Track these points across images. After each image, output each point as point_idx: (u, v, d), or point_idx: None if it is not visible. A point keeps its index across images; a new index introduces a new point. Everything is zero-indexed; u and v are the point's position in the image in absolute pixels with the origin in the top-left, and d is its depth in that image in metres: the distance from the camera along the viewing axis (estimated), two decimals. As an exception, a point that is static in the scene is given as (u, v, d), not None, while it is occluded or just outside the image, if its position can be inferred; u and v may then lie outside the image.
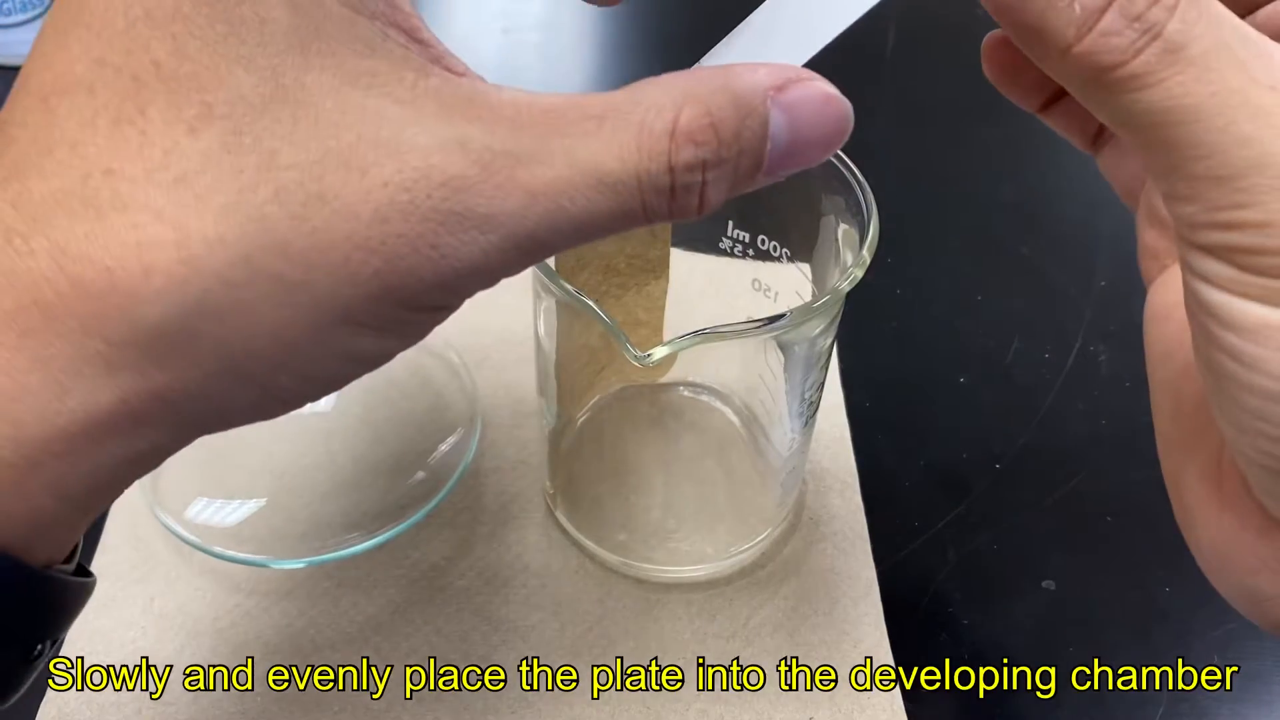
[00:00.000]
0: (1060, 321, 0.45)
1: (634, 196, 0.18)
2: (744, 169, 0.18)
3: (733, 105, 0.18)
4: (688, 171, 0.18)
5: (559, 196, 0.17)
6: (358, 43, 0.17)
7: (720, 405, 0.39)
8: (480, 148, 0.17)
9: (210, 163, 0.16)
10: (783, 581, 0.35)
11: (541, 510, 0.37)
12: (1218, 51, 0.16)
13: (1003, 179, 0.54)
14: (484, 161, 0.17)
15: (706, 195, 0.18)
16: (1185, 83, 0.16)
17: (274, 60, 0.17)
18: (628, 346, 0.26)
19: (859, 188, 0.29)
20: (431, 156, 0.17)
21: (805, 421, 0.33)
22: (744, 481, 0.38)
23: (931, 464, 0.40)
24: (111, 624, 0.33)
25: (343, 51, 0.17)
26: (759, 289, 0.33)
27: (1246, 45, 0.17)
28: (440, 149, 0.17)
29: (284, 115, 0.16)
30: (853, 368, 0.43)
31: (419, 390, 0.41)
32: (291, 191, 0.16)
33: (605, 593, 0.35)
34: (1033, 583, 0.36)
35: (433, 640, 0.33)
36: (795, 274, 0.32)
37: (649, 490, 0.37)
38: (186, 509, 0.36)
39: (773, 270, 0.32)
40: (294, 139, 0.16)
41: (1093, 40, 0.17)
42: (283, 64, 0.17)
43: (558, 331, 0.32)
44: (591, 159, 0.17)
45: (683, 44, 0.65)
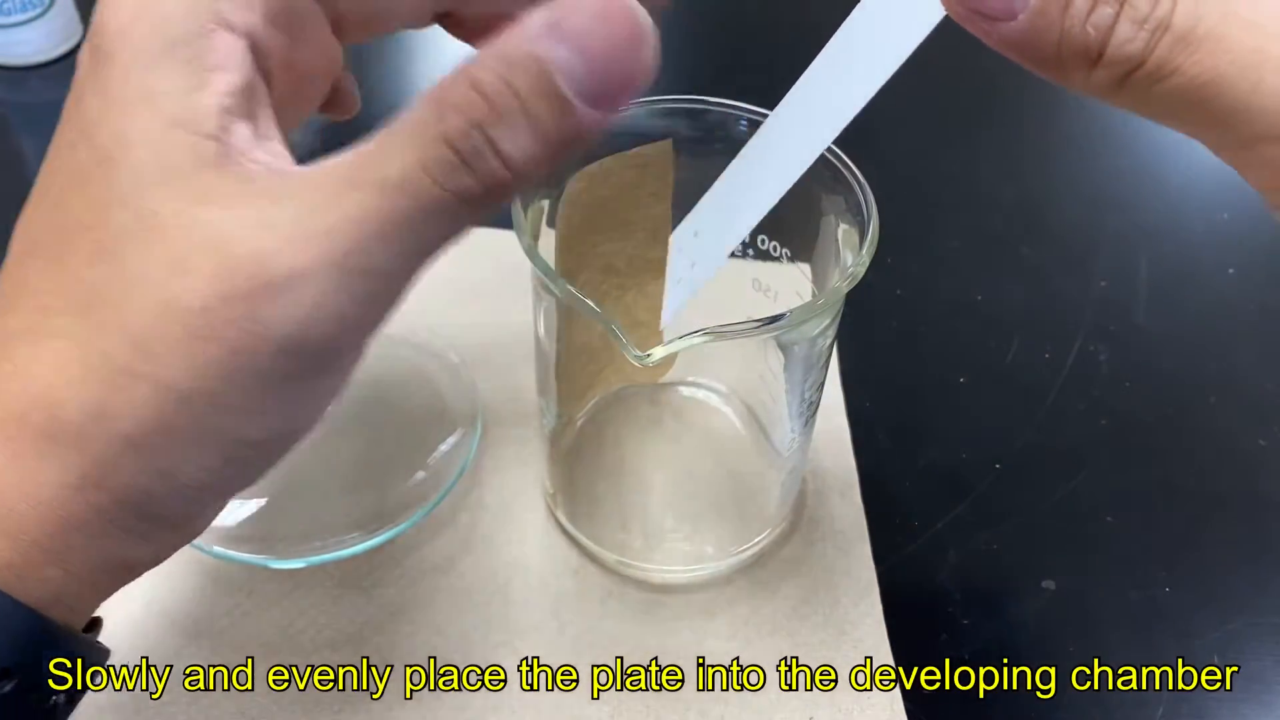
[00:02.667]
0: (1060, 321, 0.45)
1: (429, 186, 0.18)
2: (546, 113, 0.18)
3: (495, 61, 0.18)
4: (463, 138, 0.18)
5: (359, 224, 0.18)
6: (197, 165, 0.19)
7: (720, 405, 0.39)
8: (283, 220, 0.19)
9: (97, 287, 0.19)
10: (783, 581, 0.35)
11: (541, 510, 0.37)
12: (1226, 21, 0.17)
13: (1003, 179, 0.54)
14: (283, 231, 0.19)
15: (504, 152, 0.18)
16: (1202, 60, 0.17)
17: (138, 194, 0.19)
18: (628, 347, 0.26)
19: (859, 188, 0.29)
20: (240, 244, 0.19)
21: (805, 421, 0.33)
22: (744, 482, 0.38)
23: (931, 464, 0.40)
24: (111, 624, 0.33)
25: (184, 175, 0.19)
26: (759, 289, 0.33)
27: (1255, 5, 0.17)
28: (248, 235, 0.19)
29: (143, 237, 0.19)
30: (853, 368, 0.43)
31: (419, 390, 0.41)
32: (145, 302, 0.19)
33: (605, 593, 0.35)
34: (1033, 583, 0.36)
35: (433, 640, 0.33)
36: (795, 274, 0.32)
37: (649, 490, 0.38)
38: (186, 509, 0.36)
39: (773, 270, 0.32)
40: (148, 256, 0.19)
41: (1112, 52, 0.17)
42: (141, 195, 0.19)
43: (557, 332, 0.32)
44: (376, 174, 0.18)
45: (683, 44, 0.65)
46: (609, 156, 0.31)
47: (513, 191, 0.19)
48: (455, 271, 0.46)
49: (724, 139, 0.31)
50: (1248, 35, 0.17)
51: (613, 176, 0.31)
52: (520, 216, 0.29)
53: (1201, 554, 0.37)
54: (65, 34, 0.59)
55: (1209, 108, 0.17)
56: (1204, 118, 0.18)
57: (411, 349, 0.42)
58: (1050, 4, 0.18)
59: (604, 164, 0.30)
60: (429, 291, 0.45)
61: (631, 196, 0.32)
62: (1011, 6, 0.18)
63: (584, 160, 0.30)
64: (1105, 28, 0.17)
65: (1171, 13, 0.17)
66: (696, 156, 0.31)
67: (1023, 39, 0.18)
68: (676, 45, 0.65)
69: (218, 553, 0.34)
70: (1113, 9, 0.17)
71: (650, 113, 0.31)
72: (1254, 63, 0.17)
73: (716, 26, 0.64)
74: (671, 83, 0.26)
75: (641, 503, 0.37)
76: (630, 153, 0.31)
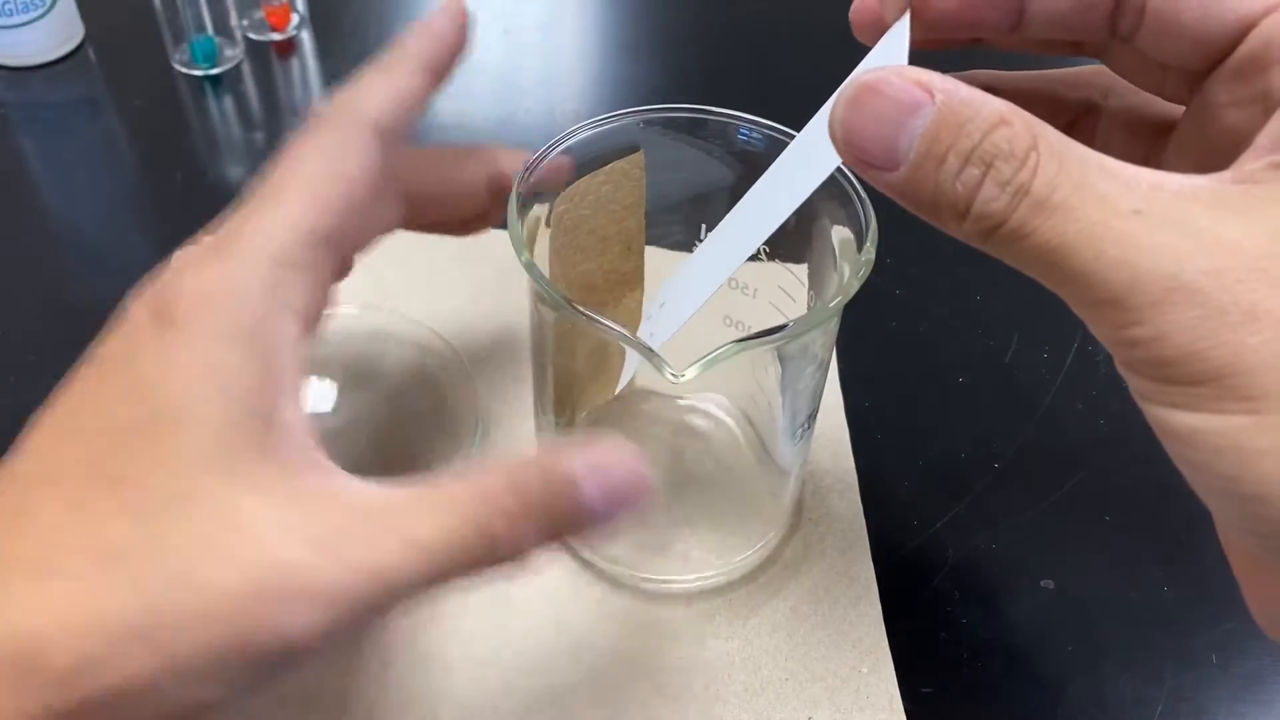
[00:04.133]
0: (1060, 321, 0.45)
1: (447, 561, 0.21)
2: (561, 526, 0.22)
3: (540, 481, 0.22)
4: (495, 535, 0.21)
5: (381, 572, 0.21)
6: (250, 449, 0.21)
7: (718, 412, 0.39)
8: (320, 537, 0.20)
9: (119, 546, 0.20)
10: (783, 582, 0.36)
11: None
12: (1079, 192, 0.18)
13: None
14: (318, 548, 0.20)
15: (524, 550, 0.22)
16: (1055, 226, 0.18)
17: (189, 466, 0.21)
18: (663, 368, 0.26)
19: (856, 196, 0.29)
20: (278, 548, 0.20)
21: (805, 425, 0.33)
22: (744, 490, 0.38)
23: (931, 464, 0.40)
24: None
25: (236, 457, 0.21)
26: (735, 287, 0.33)
27: (1108, 179, 0.19)
28: (287, 541, 0.20)
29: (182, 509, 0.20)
30: (853, 368, 0.43)
31: (419, 390, 0.41)
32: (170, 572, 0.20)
33: (605, 593, 0.35)
34: (1033, 583, 0.36)
35: (433, 640, 0.33)
36: (777, 271, 0.32)
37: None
38: (187, 509, 0.36)
39: (751, 268, 0.32)
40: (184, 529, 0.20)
41: (978, 208, 0.19)
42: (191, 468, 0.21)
43: (554, 347, 0.32)
44: (409, 530, 0.21)
45: (683, 44, 0.65)
46: (585, 176, 0.31)
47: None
48: (456, 272, 0.46)
49: (723, 147, 0.32)
50: (1095, 208, 0.18)
51: (590, 194, 0.31)
52: (518, 230, 0.28)
53: (1200, 554, 0.37)
54: (66, 34, 0.59)
55: (1059, 269, 0.19)
56: (1055, 277, 0.19)
57: (412, 349, 0.42)
58: (926, 159, 0.19)
59: (580, 184, 0.31)
60: (430, 292, 0.46)
61: (607, 211, 0.32)
62: (894, 158, 0.20)
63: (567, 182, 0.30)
64: (973, 186, 0.19)
65: (1032, 179, 0.18)
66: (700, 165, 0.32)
67: (903, 188, 0.20)
68: (682, 38, 0.65)
69: (218, 553, 0.34)
70: (980, 170, 0.19)
71: (644, 122, 0.31)
72: (1097, 234, 0.18)
73: (719, 34, 0.65)
74: (673, 88, 0.26)
75: (639, 514, 0.37)
76: (605, 169, 0.31)
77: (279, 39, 0.62)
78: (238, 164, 0.54)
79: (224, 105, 0.57)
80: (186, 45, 0.58)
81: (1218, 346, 0.18)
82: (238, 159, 0.54)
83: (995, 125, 0.19)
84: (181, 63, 0.59)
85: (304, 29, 0.63)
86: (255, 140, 0.55)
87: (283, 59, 0.61)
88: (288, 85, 0.59)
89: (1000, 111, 0.19)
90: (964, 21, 0.24)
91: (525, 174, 0.30)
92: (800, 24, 0.65)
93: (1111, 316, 0.19)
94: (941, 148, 0.19)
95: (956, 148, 0.19)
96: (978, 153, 0.19)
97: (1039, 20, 0.23)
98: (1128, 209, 0.18)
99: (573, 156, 0.31)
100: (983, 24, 0.24)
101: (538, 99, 0.58)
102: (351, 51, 0.61)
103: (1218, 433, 0.18)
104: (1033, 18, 0.23)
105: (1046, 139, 0.19)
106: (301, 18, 0.63)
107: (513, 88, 0.59)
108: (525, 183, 0.29)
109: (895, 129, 0.19)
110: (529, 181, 0.30)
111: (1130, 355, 0.19)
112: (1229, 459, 0.18)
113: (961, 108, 0.19)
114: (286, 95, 0.58)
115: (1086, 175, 0.19)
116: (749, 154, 0.31)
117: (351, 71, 0.27)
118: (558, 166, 0.30)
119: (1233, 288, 0.18)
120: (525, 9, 0.66)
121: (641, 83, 0.61)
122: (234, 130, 0.56)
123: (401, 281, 0.45)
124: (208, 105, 0.57)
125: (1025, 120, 0.19)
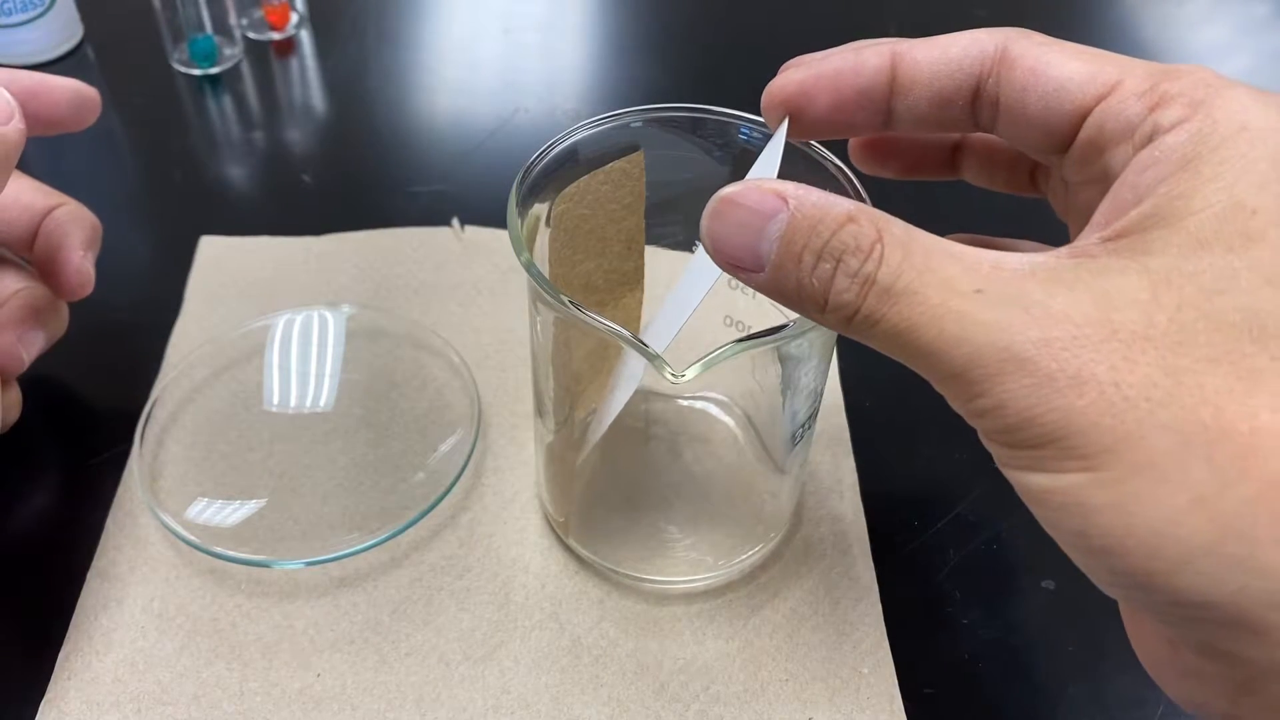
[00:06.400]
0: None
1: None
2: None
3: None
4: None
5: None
6: None
7: (718, 413, 0.39)
8: None
9: None
10: (783, 582, 0.35)
11: (541, 510, 0.37)
12: (922, 278, 0.20)
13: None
14: None
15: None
16: (900, 310, 0.20)
17: None
18: (663, 368, 0.26)
19: (857, 198, 0.29)
20: None
21: (805, 425, 0.33)
22: (744, 491, 0.38)
23: (931, 464, 0.40)
24: (111, 624, 0.33)
25: None
26: (735, 287, 0.33)
27: (952, 263, 0.20)
28: None
29: None
30: (853, 368, 0.43)
31: (419, 390, 0.41)
32: None
33: (605, 593, 0.35)
34: (1033, 583, 0.36)
35: (433, 640, 0.33)
36: None
37: (648, 502, 0.37)
38: (186, 509, 0.36)
39: None
40: None
41: (833, 299, 0.21)
42: None
43: (554, 347, 0.32)
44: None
45: (683, 44, 0.65)
46: (585, 176, 0.31)
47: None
48: (456, 272, 0.46)
49: (723, 146, 0.31)
50: (937, 291, 0.20)
51: (589, 194, 0.31)
52: (518, 229, 0.28)
53: (1201, 554, 0.37)
54: (65, 34, 0.59)
55: (909, 349, 0.20)
56: (909, 356, 0.21)
57: (412, 349, 0.42)
58: (785, 259, 0.21)
59: (580, 183, 0.30)
60: (430, 292, 0.45)
61: (606, 211, 0.32)
62: (758, 261, 0.22)
63: (566, 182, 0.30)
64: (826, 279, 0.21)
65: (877, 269, 0.20)
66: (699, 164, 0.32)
67: (770, 286, 0.22)
68: (683, 38, 0.65)
69: (218, 553, 0.34)
70: (831, 265, 0.21)
71: (644, 122, 0.31)
72: (939, 315, 0.20)
73: (719, 36, 0.64)
74: (673, 90, 0.26)
75: (640, 514, 0.37)
76: (604, 168, 0.31)
77: (278, 38, 0.62)
78: (237, 163, 0.54)
79: (223, 104, 0.57)
80: (185, 44, 0.58)
81: (1050, 411, 0.19)
82: (237, 158, 0.54)
83: (842, 223, 0.21)
84: (180, 62, 0.59)
85: (303, 28, 0.63)
86: (254, 140, 0.55)
87: (282, 58, 0.61)
88: (287, 85, 0.59)
89: (848, 211, 0.21)
90: (837, 124, 0.26)
91: (525, 174, 0.29)
92: (800, 24, 0.65)
93: (958, 389, 0.20)
94: (797, 248, 0.21)
95: (810, 246, 0.21)
96: (828, 249, 0.21)
97: (905, 118, 0.26)
98: (969, 289, 0.20)
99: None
100: (856, 125, 0.26)
101: (538, 99, 0.58)
102: (351, 51, 0.61)
103: (1062, 491, 0.20)
104: (899, 116, 0.26)
105: (891, 232, 0.20)
106: (301, 17, 0.63)
107: (513, 88, 0.59)
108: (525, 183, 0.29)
109: (756, 235, 0.21)
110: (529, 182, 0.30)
111: (981, 424, 0.21)
112: (1075, 515, 0.20)
113: (812, 210, 0.21)
114: (285, 94, 0.58)
115: (930, 261, 0.20)
116: (749, 154, 0.31)
117: (351, 71, 0.27)
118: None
119: (1059, 355, 0.19)
120: (525, 9, 0.66)
121: (641, 83, 0.61)
122: (233, 130, 0.56)
123: (401, 281, 0.45)
124: (206, 104, 0.57)
125: (871, 216, 0.21)
